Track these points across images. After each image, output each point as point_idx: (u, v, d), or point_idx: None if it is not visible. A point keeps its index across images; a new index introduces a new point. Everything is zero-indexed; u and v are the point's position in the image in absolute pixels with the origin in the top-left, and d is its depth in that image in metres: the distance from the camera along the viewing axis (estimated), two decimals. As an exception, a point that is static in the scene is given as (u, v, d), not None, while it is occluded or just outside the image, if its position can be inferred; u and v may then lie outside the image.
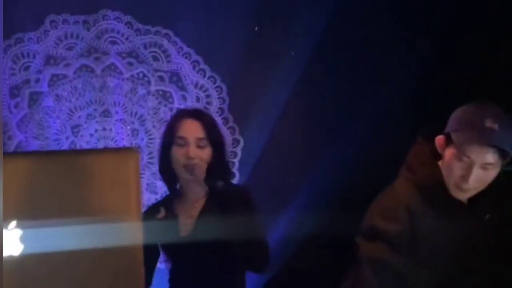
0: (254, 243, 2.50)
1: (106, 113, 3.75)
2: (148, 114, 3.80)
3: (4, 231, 1.44)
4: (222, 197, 2.48)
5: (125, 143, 3.72)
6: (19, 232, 1.47)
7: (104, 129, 3.74)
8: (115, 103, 3.76)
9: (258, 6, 3.85)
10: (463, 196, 2.34)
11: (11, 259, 1.44)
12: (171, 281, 2.66)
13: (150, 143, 3.79)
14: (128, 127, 3.77)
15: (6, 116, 3.61)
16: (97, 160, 1.54)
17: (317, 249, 3.80)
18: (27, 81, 3.67)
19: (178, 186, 2.66)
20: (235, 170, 3.93)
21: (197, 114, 2.64)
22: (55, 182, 1.51)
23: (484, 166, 2.24)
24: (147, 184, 3.70)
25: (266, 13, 3.90)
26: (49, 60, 3.70)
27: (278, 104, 3.90)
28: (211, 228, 2.47)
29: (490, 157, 2.22)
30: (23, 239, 1.47)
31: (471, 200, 2.36)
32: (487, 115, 2.22)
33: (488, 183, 2.30)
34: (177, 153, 2.55)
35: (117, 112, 3.75)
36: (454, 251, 2.33)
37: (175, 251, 2.59)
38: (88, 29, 3.74)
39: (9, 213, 1.44)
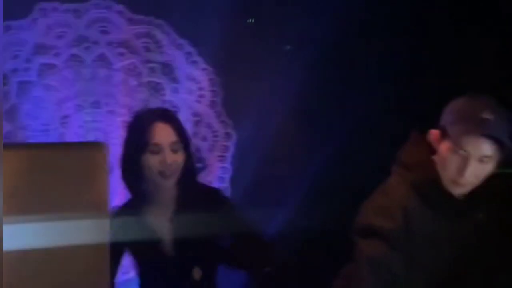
0: (247, 240, 2.45)
1: (96, 104, 3.68)
2: (139, 106, 3.72)
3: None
4: (196, 197, 2.42)
5: (115, 134, 3.65)
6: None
7: (93, 120, 3.67)
8: (105, 94, 3.69)
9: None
10: (459, 191, 2.27)
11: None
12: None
13: (140, 135, 3.72)
14: (119, 119, 3.70)
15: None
16: (64, 154, 1.46)
17: (309, 245, 3.75)
18: (16, 70, 3.60)
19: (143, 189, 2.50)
20: (227, 164, 3.86)
21: (167, 116, 2.50)
22: (20, 176, 1.44)
23: (481, 159, 2.18)
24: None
25: (261, 5, 3.84)
26: (38, 49, 3.63)
27: (271, 98, 3.84)
28: (189, 228, 2.39)
29: (487, 148, 2.16)
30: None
31: (467, 198, 2.30)
32: (482, 106, 2.17)
33: (484, 177, 2.24)
34: (152, 160, 2.42)
35: (107, 103, 3.68)
36: (450, 249, 2.28)
37: (150, 253, 2.47)
38: (78, 18, 3.66)
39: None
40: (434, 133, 2.27)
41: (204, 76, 3.81)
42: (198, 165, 3.76)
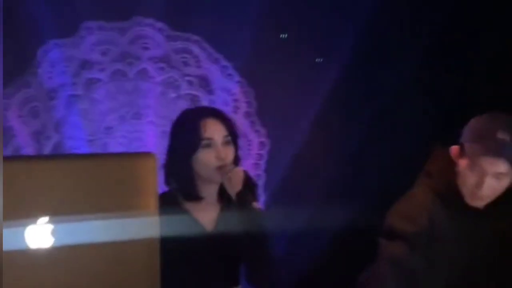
0: (261, 258, 2.41)
1: (137, 116, 3.92)
2: (178, 116, 3.95)
3: (36, 226, 1.59)
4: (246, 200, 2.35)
5: (155, 144, 3.88)
6: (50, 227, 1.62)
7: (135, 130, 3.91)
8: (146, 106, 3.92)
9: (286, 14, 3.99)
10: (478, 204, 2.43)
11: (41, 250, 1.59)
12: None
13: (180, 144, 3.95)
14: (159, 129, 3.93)
15: (44, 118, 3.80)
16: (118, 163, 1.68)
17: (337, 245, 3.92)
18: (64, 85, 3.85)
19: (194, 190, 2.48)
20: (261, 171, 4.07)
21: (216, 113, 2.48)
22: (80, 184, 1.66)
23: (497, 176, 2.33)
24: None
25: (293, 21, 4.03)
26: (85, 64, 3.88)
27: (303, 108, 4.03)
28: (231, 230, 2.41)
29: (502, 167, 2.32)
30: (53, 233, 1.61)
31: (487, 207, 2.45)
32: (499, 126, 2.31)
33: (502, 191, 2.39)
34: (206, 156, 2.40)
35: (147, 115, 3.92)
36: (469, 256, 2.43)
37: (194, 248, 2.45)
38: (122, 35, 3.91)
39: (39, 211, 1.59)
40: (454, 149, 2.43)
41: (238, 88, 4.03)
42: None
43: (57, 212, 1.59)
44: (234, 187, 2.36)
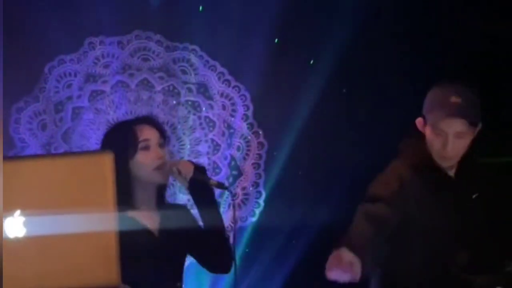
0: (214, 240, 2.61)
1: (140, 123, 4.16)
2: (179, 122, 4.19)
3: (10, 218, 1.84)
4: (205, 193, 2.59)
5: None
6: (22, 219, 1.86)
7: (139, 137, 4.15)
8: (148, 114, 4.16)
9: (278, 20, 4.18)
10: (448, 164, 2.69)
11: (16, 240, 1.84)
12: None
13: (181, 148, 4.19)
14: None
15: (52, 130, 4.08)
16: (80, 161, 1.91)
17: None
18: (70, 98, 4.13)
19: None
20: (260, 171, 4.27)
21: (148, 119, 2.69)
22: (48, 181, 1.89)
23: (458, 135, 2.61)
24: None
25: (285, 26, 4.22)
26: (89, 78, 4.14)
27: (298, 109, 4.22)
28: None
29: (460, 126, 2.60)
30: (25, 225, 1.86)
31: (458, 174, 2.73)
32: (451, 92, 2.61)
33: (466, 148, 2.67)
34: (145, 157, 2.55)
35: (150, 122, 4.16)
36: (442, 224, 2.67)
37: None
38: (123, 48, 4.17)
39: (14, 206, 1.84)
40: (418, 121, 2.71)
41: (236, 93, 4.25)
42: (234, 172, 4.23)
43: (28, 206, 1.84)
44: (186, 176, 2.56)
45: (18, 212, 1.83)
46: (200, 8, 4.17)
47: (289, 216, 4.10)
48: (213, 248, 2.62)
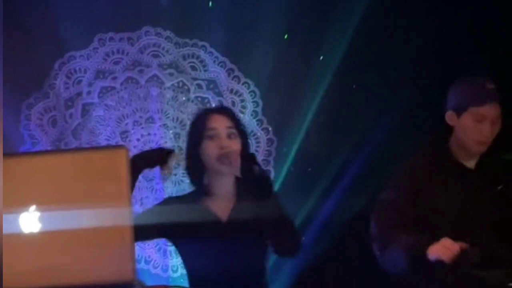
0: (286, 226, 2.56)
1: (150, 120, 4.17)
2: (188, 119, 4.16)
3: (25, 214, 1.84)
4: (259, 182, 2.47)
5: (169, 146, 4.12)
6: (36, 214, 1.87)
7: (149, 134, 4.17)
8: (158, 110, 4.17)
9: (287, 16, 4.18)
10: (482, 149, 2.77)
11: (31, 235, 1.84)
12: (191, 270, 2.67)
13: (191, 145, 4.18)
14: (171, 131, 4.18)
15: (62, 126, 4.08)
16: (94, 156, 1.91)
17: (348, 237, 4.09)
18: (80, 94, 4.13)
19: (205, 182, 2.64)
20: (270, 167, 4.27)
21: (221, 109, 2.71)
22: (62, 176, 1.90)
23: (496, 119, 2.73)
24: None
25: (294, 23, 4.22)
26: (99, 74, 4.15)
27: (307, 105, 4.22)
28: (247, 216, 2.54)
29: (498, 110, 2.74)
30: (40, 220, 1.86)
31: (478, 166, 2.80)
32: (484, 80, 2.73)
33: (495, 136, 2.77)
34: (209, 146, 2.55)
35: (160, 118, 4.17)
36: (459, 215, 2.74)
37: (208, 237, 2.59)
38: (132, 45, 4.17)
39: (27, 200, 1.85)
40: (449, 115, 2.79)
41: (245, 89, 4.25)
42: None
43: (41, 202, 1.84)
44: (236, 167, 2.48)
45: (33, 207, 1.84)
46: (210, 4, 4.17)
47: (298, 212, 4.10)
48: (288, 233, 2.58)
